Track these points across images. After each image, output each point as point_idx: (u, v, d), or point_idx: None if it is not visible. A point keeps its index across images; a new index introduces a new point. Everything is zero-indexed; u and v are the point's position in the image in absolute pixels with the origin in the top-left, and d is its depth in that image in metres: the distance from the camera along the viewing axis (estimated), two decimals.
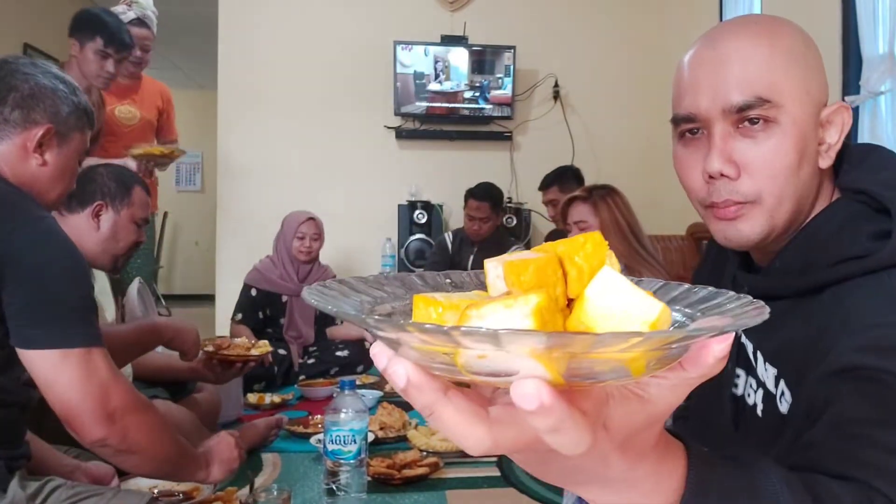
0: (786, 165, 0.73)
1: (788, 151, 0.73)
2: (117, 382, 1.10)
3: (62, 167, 1.22)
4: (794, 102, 0.74)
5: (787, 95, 0.74)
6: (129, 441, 1.10)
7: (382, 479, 1.72)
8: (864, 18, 2.72)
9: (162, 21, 6.30)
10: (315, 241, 3.20)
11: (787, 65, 0.75)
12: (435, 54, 4.40)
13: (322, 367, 3.09)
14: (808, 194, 0.77)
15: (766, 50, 0.74)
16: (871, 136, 2.69)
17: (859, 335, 0.65)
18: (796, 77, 0.75)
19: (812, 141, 0.76)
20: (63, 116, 1.21)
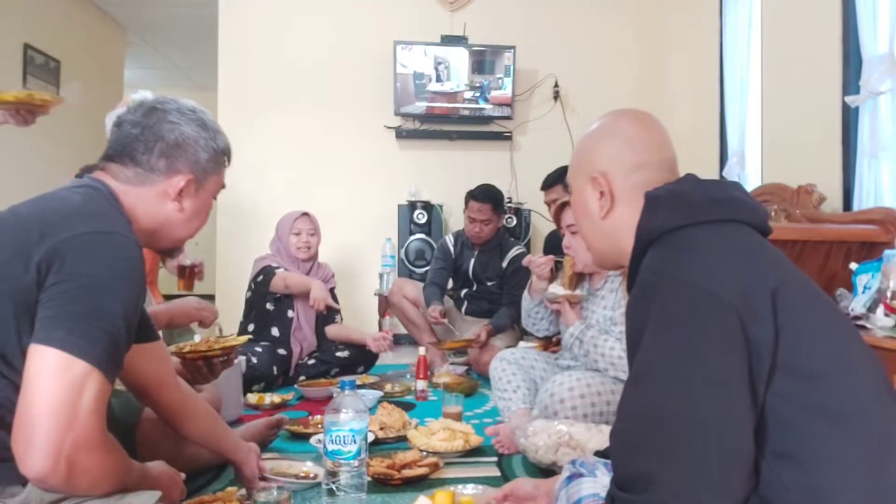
0: (578, 220, 1.17)
1: (577, 213, 1.16)
2: (93, 416, 0.98)
3: (197, 209, 1.26)
4: (574, 180, 1.15)
5: (571, 177, 1.16)
6: (77, 481, 0.98)
7: (382, 479, 1.72)
8: (864, 18, 2.72)
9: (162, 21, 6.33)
10: (312, 237, 3.16)
11: (574, 156, 1.16)
12: (435, 54, 4.40)
13: (322, 367, 3.08)
14: (610, 236, 1.09)
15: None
16: (871, 136, 2.69)
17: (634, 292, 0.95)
18: (575, 160, 1.16)
19: (591, 201, 1.09)
20: (202, 164, 1.24)
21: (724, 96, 3.85)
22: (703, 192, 0.97)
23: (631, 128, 1.07)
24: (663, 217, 0.96)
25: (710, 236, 0.92)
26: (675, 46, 4.54)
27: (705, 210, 0.95)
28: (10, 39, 4.64)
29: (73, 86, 2.40)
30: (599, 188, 1.06)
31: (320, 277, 3.24)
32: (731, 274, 0.86)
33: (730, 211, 0.96)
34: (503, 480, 1.82)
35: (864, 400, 0.84)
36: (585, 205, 1.09)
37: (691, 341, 0.83)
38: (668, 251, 0.93)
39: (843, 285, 2.33)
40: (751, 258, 0.90)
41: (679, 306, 0.85)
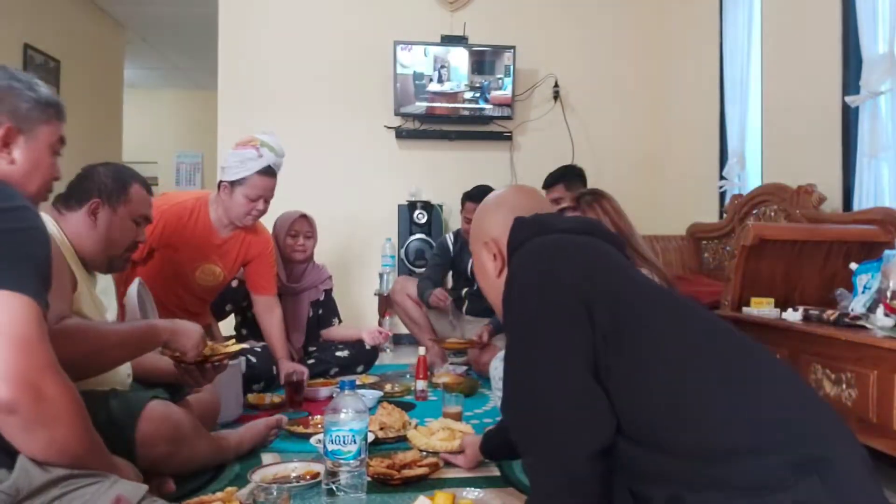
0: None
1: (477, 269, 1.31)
2: (46, 343, 1.02)
3: (34, 161, 1.25)
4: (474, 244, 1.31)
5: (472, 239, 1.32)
6: (45, 409, 1.00)
7: (382, 479, 1.72)
8: (864, 18, 2.72)
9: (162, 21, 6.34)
10: (309, 239, 3.13)
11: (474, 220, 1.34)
12: (435, 54, 4.40)
13: (322, 367, 3.08)
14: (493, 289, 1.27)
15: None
16: (871, 136, 2.69)
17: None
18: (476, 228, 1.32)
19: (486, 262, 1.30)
20: (23, 113, 1.23)
21: (724, 96, 3.85)
22: (560, 218, 1.20)
23: (514, 197, 1.28)
24: (523, 231, 1.15)
25: (559, 239, 1.11)
26: (675, 46, 4.54)
27: (559, 224, 1.15)
28: (10, 39, 4.64)
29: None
30: (492, 251, 1.22)
31: (316, 279, 3.23)
32: (574, 262, 1.06)
33: (585, 228, 1.17)
34: (503, 481, 1.82)
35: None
36: (483, 266, 1.25)
37: (536, 319, 1.01)
38: (526, 252, 1.11)
39: (843, 285, 2.33)
40: (593, 251, 1.10)
41: (526, 291, 1.04)
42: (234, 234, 2.70)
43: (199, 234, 2.58)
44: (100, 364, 1.52)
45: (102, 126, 6.03)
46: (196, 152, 8.07)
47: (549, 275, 1.04)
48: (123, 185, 1.73)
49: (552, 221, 1.17)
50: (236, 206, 2.55)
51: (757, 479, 0.83)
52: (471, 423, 2.35)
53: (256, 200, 2.56)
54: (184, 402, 1.88)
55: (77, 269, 1.64)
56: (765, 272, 2.43)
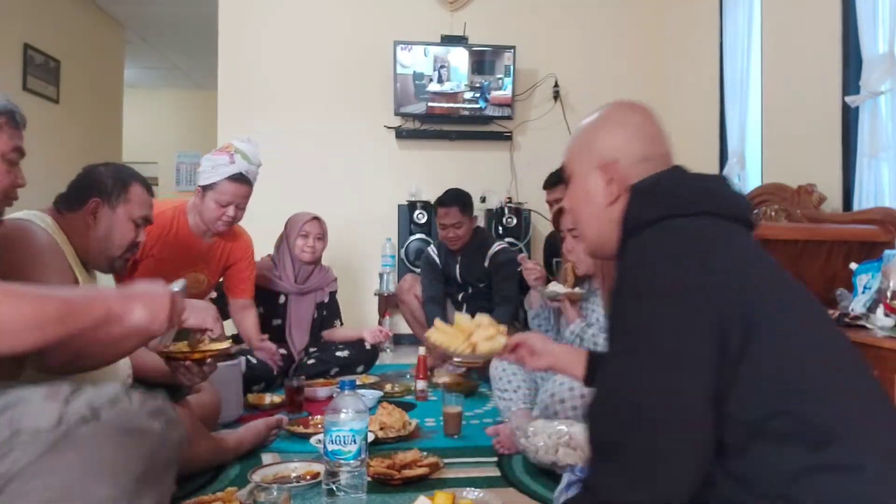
0: (578, 206, 1.15)
1: (578, 198, 1.14)
2: None
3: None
4: (573, 164, 1.16)
5: (570, 162, 1.16)
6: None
7: (382, 479, 1.72)
8: (864, 18, 2.72)
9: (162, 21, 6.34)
10: (319, 241, 3.16)
11: (576, 142, 1.16)
12: (435, 54, 4.40)
13: (322, 367, 3.08)
14: (604, 224, 1.09)
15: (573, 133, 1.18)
16: (871, 136, 2.69)
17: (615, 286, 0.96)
18: (575, 149, 1.16)
19: (595, 188, 1.10)
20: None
21: (724, 96, 3.85)
22: (685, 185, 1.01)
23: (640, 119, 1.10)
24: (643, 209, 0.99)
25: (687, 230, 0.95)
26: (676, 46, 4.54)
27: (685, 203, 0.98)
28: (10, 39, 4.64)
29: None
30: (609, 175, 1.06)
31: (322, 281, 3.24)
32: (705, 269, 0.89)
33: (710, 204, 0.98)
34: (503, 481, 1.82)
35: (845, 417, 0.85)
36: (589, 192, 1.09)
37: (663, 325, 0.87)
38: (648, 244, 0.96)
39: (843, 285, 2.33)
40: (725, 253, 0.93)
41: (652, 298, 0.89)
42: (215, 241, 2.70)
43: (181, 243, 2.58)
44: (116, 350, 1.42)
45: (102, 126, 6.03)
46: (196, 152, 8.05)
47: (694, 281, 0.88)
48: (124, 185, 1.73)
49: (675, 193, 1.00)
50: (207, 212, 2.55)
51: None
52: (471, 424, 2.35)
53: (226, 206, 2.55)
54: (184, 403, 1.88)
55: (78, 269, 1.64)
56: None
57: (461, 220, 3.35)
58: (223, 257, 2.77)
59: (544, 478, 1.82)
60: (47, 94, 5.04)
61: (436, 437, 2.21)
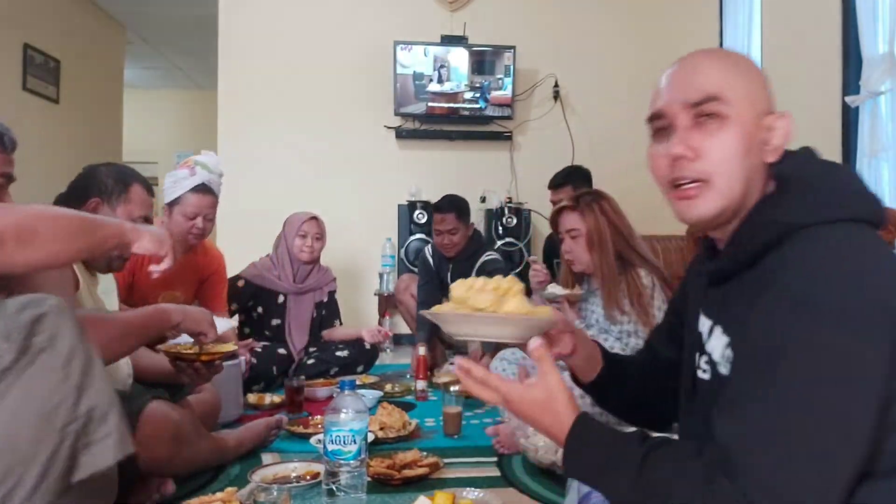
0: (734, 152, 0.91)
1: (736, 141, 0.91)
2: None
3: None
4: (739, 103, 0.92)
5: (734, 97, 0.91)
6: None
7: (382, 479, 1.72)
8: (864, 18, 2.72)
9: (162, 21, 6.33)
10: (317, 241, 3.16)
11: (735, 76, 0.93)
12: (435, 54, 4.40)
13: (322, 367, 3.08)
14: (755, 182, 0.92)
15: (719, 63, 0.95)
16: (871, 135, 2.70)
17: (776, 292, 0.80)
18: (742, 86, 0.93)
19: (756, 138, 0.93)
20: None
21: None
22: (843, 182, 0.92)
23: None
24: (801, 209, 0.86)
25: (855, 239, 0.84)
26: (676, 46, 4.53)
27: (848, 206, 0.87)
28: (10, 39, 4.64)
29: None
30: (784, 128, 0.96)
31: (321, 281, 3.25)
32: (882, 288, 0.78)
33: (867, 210, 0.89)
34: (503, 481, 1.82)
35: None
36: (752, 140, 0.92)
37: (843, 337, 0.75)
38: (819, 254, 0.81)
39: None
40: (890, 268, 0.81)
41: (835, 322, 0.75)
42: (187, 258, 2.68)
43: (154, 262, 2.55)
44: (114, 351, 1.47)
45: (102, 126, 6.03)
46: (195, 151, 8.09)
47: (875, 302, 0.76)
48: (124, 185, 1.74)
49: (834, 191, 0.90)
50: (176, 227, 2.55)
51: None
52: (471, 424, 2.35)
53: (194, 218, 2.54)
54: (184, 403, 1.88)
55: (79, 268, 1.64)
56: None
57: (457, 227, 3.31)
58: (196, 273, 2.77)
59: (544, 478, 1.82)
60: (47, 94, 5.04)
61: (436, 437, 2.21)
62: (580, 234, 2.16)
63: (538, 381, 0.98)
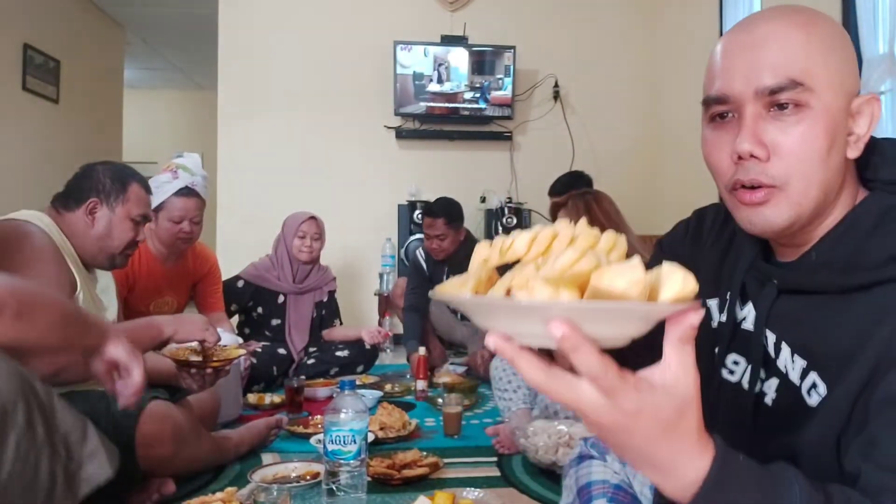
0: (816, 151, 0.72)
1: (819, 137, 0.72)
2: None
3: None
4: (826, 90, 0.72)
5: (820, 82, 0.72)
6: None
7: (382, 479, 1.72)
8: (864, 18, 2.72)
9: (162, 22, 6.33)
10: (316, 241, 3.16)
11: (822, 52, 0.73)
12: (435, 54, 4.40)
13: (322, 367, 3.08)
14: (835, 184, 0.75)
15: (803, 36, 0.73)
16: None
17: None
18: (831, 65, 0.73)
19: (842, 130, 0.74)
20: None
21: None
22: None
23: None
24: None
25: None
26: (676, 46, 4.54)
27: None
28: (10, 39, 4.64)
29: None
30: (872, 114, 0.75)
31: (321, 280, 3.25)
32: None
33: None
34: (503, 481, 1.82)
35: None
36: (837, 135, 0.74)
37: None
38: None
39: None
40: None
41: None
42: (177, 263, 2.66)
43: (146, 271, 2.54)
44: None
45: (102, 126, 6.03)
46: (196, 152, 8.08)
47: None
48: (122, 184, 1.74)
49: None
50: (163, 232, 2.53)
51: None
52: (471, 424, 2.35)
53: (181, 222, 2.52)
54: (184, 403, 1.88)
55: (77, 269, 1.64)
56: None
57: (446, 233, 3.31)
58: (189, 278, 2.75)
59: (544, 478, 1.82)
60: (47, 94, 5.04)
61: (436, 437, 2.22)
62: None
63: (669, 381, 0.53)
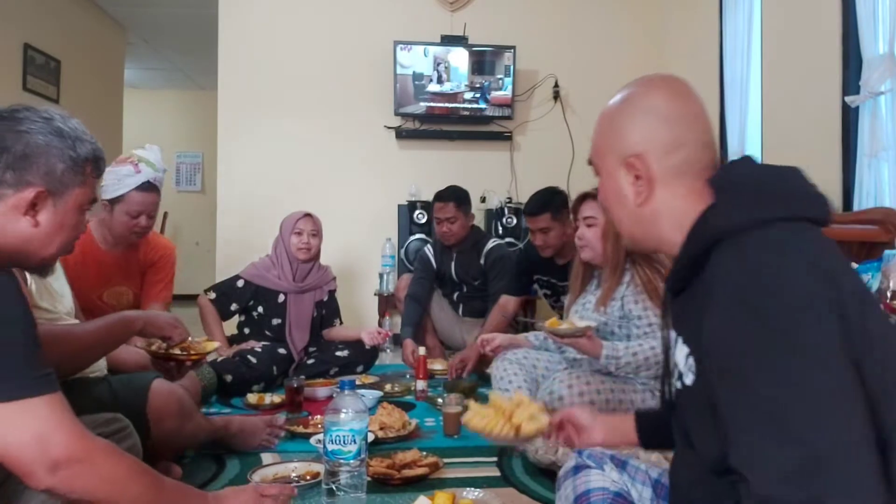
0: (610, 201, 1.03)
1: (607, 192, 1.02)
2: (59, 430, 1.00)
3: (58, 224, 1.16)
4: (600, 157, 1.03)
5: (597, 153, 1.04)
6: (79, 489, 1.03)
7: (382, 479, 1.72)
8: (864, 18, 2.72)
9: (162, 22, 6.33)
10: (314, 238, 3.15)
11: (599, 128, 1.04)
12: (435, 55, 4.40)
13: (322, 367, 3.08)
14: (653, 218, 0.97)
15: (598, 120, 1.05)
16: (871, 136, 2.69)
17: (719, 301, 0.81)
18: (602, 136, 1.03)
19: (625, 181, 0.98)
20: (58, 175, 1.15)
21: (724, 96, 3.85)
22: (776, 184, 0.90)
23: (665, 101, 0.95)
24: (740, 210, 0.86)
25: (796, 239, 0.85)
26: (676, 46, 4.54)
27: (778, 206, 0.86)
28: (10, 39, 4.64)
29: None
30: (635, 172, 0.95)
31: (321, 279, 3.25)
32: (826, 287, 0.79)
33: (802, 207, 0.89)
34: (503, 481, 1.82)
35: None
36: (619, 190, 0.98)
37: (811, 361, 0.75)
38: (757, 253, 0.82)
39: None
40: (833, 265, 0.83)
41: (791, 322, 0.76)
42: (128, 253, 2.60)
43: (90, 262, 2.47)
44: (80, 364, 1.54)
45: (102, 126, 6.03)
46: (196, 152, 8.06)
47: (812, 304, 0.78)
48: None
49: (766, 193, 0.88)
50: (118, 225, 2.46)
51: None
52: None
53: (138, 217, 2.46)
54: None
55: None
56: None
57: (456, 215, 3.43)
58: (139, 266, 2.66)
59: (544, 478, 1.82)
60: (47, 94, 5.04)
61: (436, 437, 2.22)
62: (596, 224, 2.15)
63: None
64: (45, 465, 0.98)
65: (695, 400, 0.91)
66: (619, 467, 1.25)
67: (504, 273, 3.38)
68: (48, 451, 0.98)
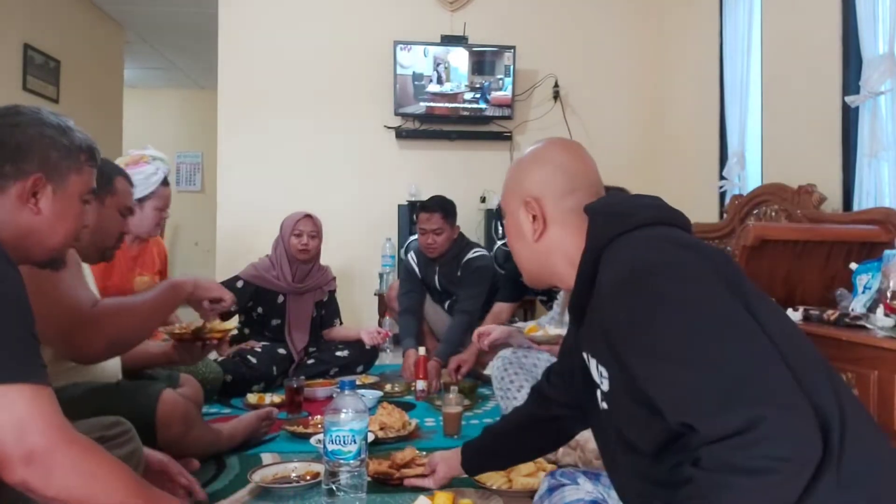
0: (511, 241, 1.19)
1: (510, 229, 1.18)
2: (39, 420, 0.97)
3: (60, 212, 1.18)
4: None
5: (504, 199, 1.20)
6: (55, 485, 0.97)
7: (382, 479, 1.72)
8: (864, 18, 2.72)
9: (162, 21, 6.32)
10: (313, 239, 3.15)
11: (508, 175, 1.20)
12: (435, 55, 4.40)
13: (322, 367, 3.08)
14: (547, 252, 1.12)
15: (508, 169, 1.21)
16: (871, 136, 2.69)
17: (608, 293, 0.94)
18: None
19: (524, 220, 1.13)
20: (53, 162, 1.17)
21: (724, 96, 3.85)
22: (638, 202, 1.06)
23: (562, 155, 1.14)
24: (610, 224, 1.01)
25: (657, 231, 0.98)
26: (676, 46, 4.54)
27: (642, 215, 1.01)
28: (10, 39, 4.64)
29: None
30: (532, 212, 1.12)
31: (320, 280, 3.25)
32: (693, 252, 0.93)
33: (662, 216, 1.03)
34: None
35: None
36: (519, 228, 1.14)
37: (700, 300, 0.86)
38: (628, 247, 0.96)
39: (843, 285, 2.33)
40: (701, 245, 0.97)
41: (668, 279, 0.88)
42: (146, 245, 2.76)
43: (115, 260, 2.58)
44: (143, 334, 1.65)
45: (102, 126, 6.03)
46: (196, 152, 8.05)
47: (683, 261, 0.91)
48: (108, 178, 1.79)
49: (630, 208, 1.03)
50: (147, 220, 2.62)
51: None
52: (471, 424, 2.35)
53: (164, 210, 2.67)
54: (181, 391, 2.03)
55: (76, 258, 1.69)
56: (765, 272, 2.43)
57: (442, 227, 3.24)
58: (153, 260, 2.81)
59: None
60: (47, 94, 5.04)
61: (436, 437, 2.21)
62: None
63: None
64: (20, 454, 0.94)
65: (618, 399, 0.98)
66: (593, 480, 1.31)
67: (475, 285, 3.22)
68: (25, 440, 0.94)
